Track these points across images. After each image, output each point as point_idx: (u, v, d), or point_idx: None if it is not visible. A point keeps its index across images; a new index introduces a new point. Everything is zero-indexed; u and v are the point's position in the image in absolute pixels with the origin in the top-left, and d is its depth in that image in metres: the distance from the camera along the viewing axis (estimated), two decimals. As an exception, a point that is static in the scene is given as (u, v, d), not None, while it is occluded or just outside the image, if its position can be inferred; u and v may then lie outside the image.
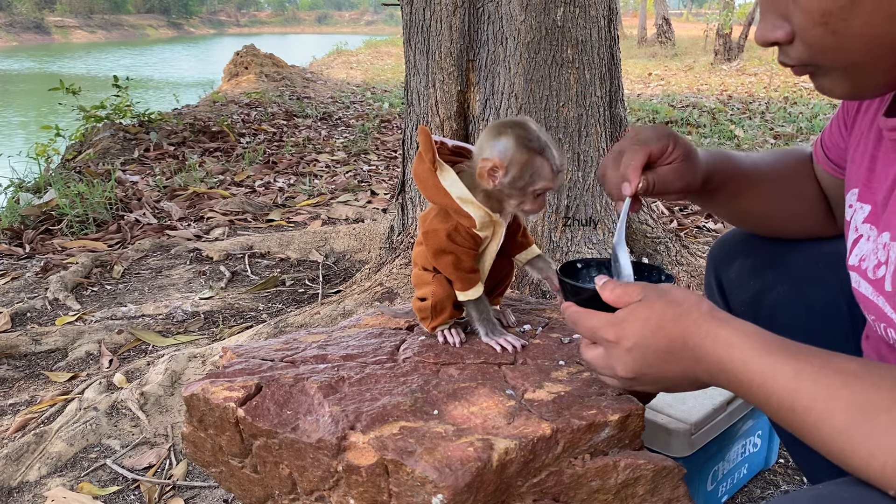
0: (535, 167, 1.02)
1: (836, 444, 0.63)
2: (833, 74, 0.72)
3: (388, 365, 1.07)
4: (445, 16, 2.27)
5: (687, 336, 0.75)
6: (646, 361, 0.78)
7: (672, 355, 0.76)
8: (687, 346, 0.75)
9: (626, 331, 0.78)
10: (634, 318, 0.78)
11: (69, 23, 58.97)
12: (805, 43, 0.70)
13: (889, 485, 0.59)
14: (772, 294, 1.12)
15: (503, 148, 1.02)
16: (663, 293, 0.79)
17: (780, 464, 1.69)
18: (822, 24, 0.67)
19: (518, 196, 1.04)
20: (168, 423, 1.88)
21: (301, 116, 7.52)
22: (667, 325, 0.76)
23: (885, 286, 0.78)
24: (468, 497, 0.81)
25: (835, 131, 1.02)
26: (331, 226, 3.66)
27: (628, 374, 0.79)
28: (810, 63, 0.72)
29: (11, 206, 3.94)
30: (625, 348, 0.78)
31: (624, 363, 0.79)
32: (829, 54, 0.70)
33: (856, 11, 0.65)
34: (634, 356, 0.78)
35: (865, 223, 0.85)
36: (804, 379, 0.66)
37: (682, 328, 0.75)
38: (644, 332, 0.77)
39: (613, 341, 0.79)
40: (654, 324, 0.76)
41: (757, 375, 0.69)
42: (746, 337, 0.72)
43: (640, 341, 0.77)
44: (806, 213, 1.12)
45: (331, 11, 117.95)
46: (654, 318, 0.77)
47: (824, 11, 0.66)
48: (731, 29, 14.16)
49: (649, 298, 0.79)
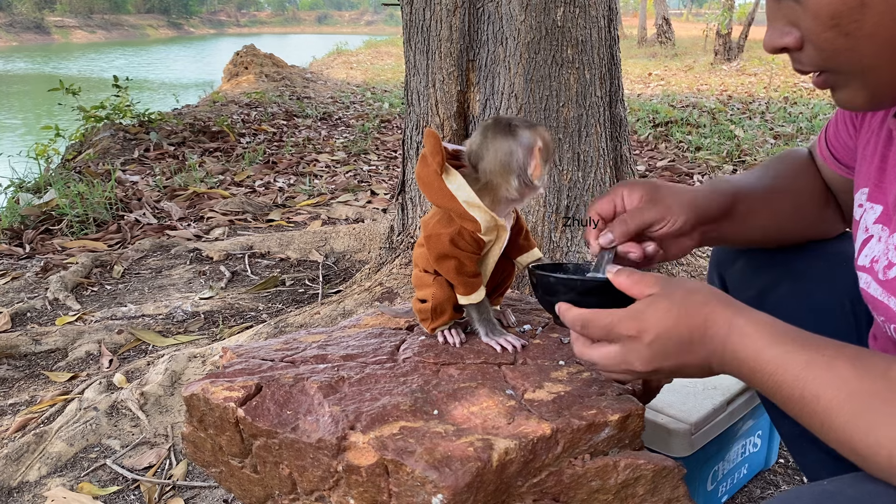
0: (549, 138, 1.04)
1: (844, 433, 0.63)
2: (851, 84, 0.72)
3: (388, 365, 1.07)
4: (445, 16, 2.27)
5: (708, 324, 0.74)
6: (665, 353, 0.76)
7: (692, 345, 0.75)
8: (707, 336, 0.74)
9: (647, 323, 0.76)
10: (655, 308, 0.76)
11: (69, 23, 58.98)
12: (817, 47, 0.70)
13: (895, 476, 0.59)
14: (775, 293, 1.12)
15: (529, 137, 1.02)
16: (679, 283, 0.78)
17: (780, 464, 1.69)
18: (832, 26, 0.66)
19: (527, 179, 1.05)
20: (168, 423, 1.88)
21: (301, 116, 7.52)
22: (689, 312, 0.75)
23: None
24: (468, 497, 0.81)
25: (841, 130, 1.01)
26: (331, 226, 3.66)
27: (646, 368, 0.78)
28: (825, 68, 0.72)
29: (11, 206, 3.95)
30: (646, 342, 0.76)
31: (642, 356, 0.77)
32: (843, 57, 0.69)
33: (866, 12, 0.64)
34: (654, 349, 0.76)
35: (877, 223, 0.85)
36: (814, 369, 0.66)
37: (703, 316, 0.74)
38: (666, 322, 0.75)
39: (634, 336, 0.77)
40: (676, 313, 0.75)
41: (768, 364, 0.69)
42: (760, 326, 0.72)
43: (663, 333, 0.75)
44: (815, 217, 1.11)
45: (331, 11, 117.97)
46: (675, 307, 0.75)
47: (833, 13, 0.66)
48: (731, 29, 14.16)
49: (667, 290, 0.77)
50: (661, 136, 6.14)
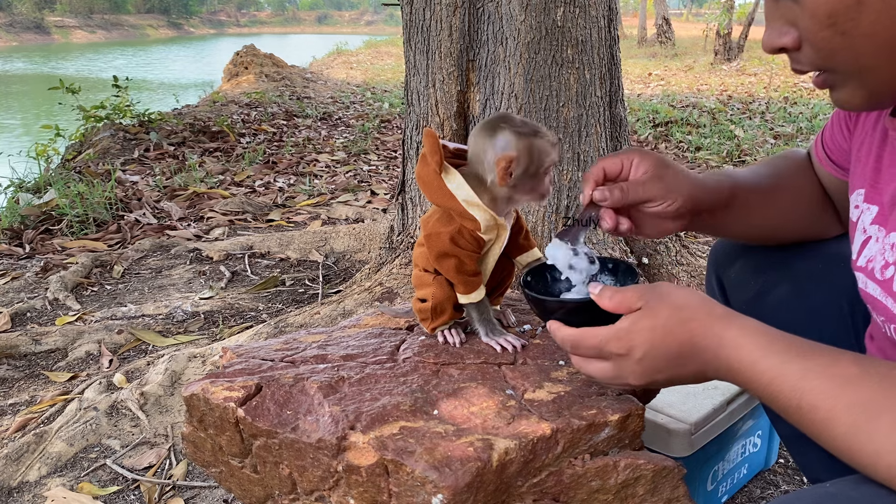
0: (538, 147, 1.03)
1: (844, 442, 0.63)
2: (849, 83, 0.72)
3: (388, 365, 1.07)
4: (445, 16, 2.28)
5: (696, 339, 0.75)
6: (656, 367, 0.77)
7: (682, 359, 0.76)
8: (696, 349, 0.75)
9: (635, 341, 0.77)
10: (640, 327, 0.77)
11: (69, 23, 58.96)
12: (814, 47, 0.69)
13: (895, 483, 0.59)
14: (773, 294, 1.12)
15: (505, 143, 1.02)
16: (664, 297, 0.78)
17: (780, 464, 1.69)
18: (829, 25, 0.66)
19: (530, 182, 1.05)
20: (168, 423, 1.88)
21: (301, 116, 7.52)
22: (674, 330, 0.75)
23: (894, 287, 0.78)
24: (468, 497, 0.81)
25: (836, 132, 1.01)
26: (331, 226, 3.66)
27: (641, 382, 0.79)
28: (823, 68, 0.72)
29: (11, 206, 3.95)
30: (636, 359, 0.77)
31: (635, 372, 0.78)
32: (840, 56, 0.69)
33: (863, 11, 0.64)
34: (645, 366, 0.77)
35: (874, 224, 0.85)
36: (811, 378, 0.66)
37: (689, 332, 0.75)
38: (653, 340, 0.76)
39: (623, 354, 0.78)
40: (661, 331, 0.76)
41: (764, 375, 0.69)
42: (753, 336, 0.72)
43: (650, 351, 0.76)
44: (812, 217, 1.11)
45: (331, 11, 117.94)
46: (659, 325, 0.76)
47: (830, 12, 0.66)
48: (731, 29, 14.16)
49: (651, 305, 0.78)
50: (661, 136, 6.15)
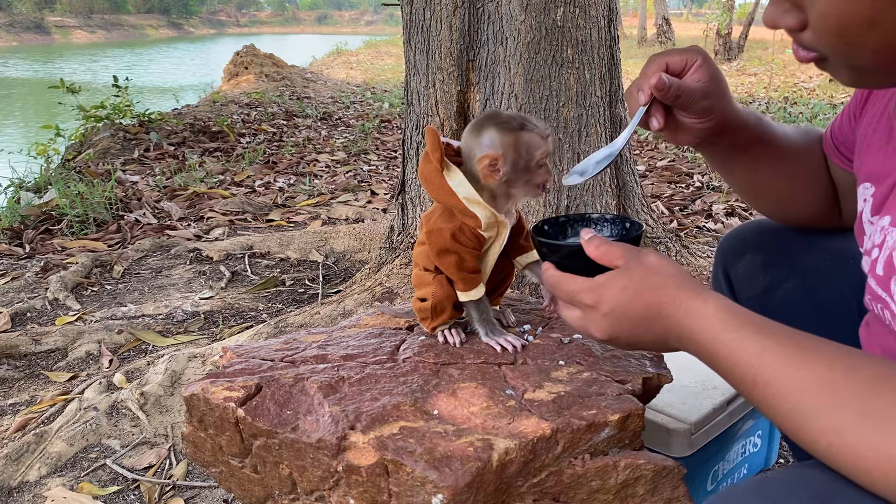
0: (525, 141, 1.04)
1: (790, 420, 0.65)
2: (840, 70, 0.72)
3: (388, 365, 1.07)
4: (445, 16, 2.28)
5: (662, 306, 0.77)
6: (620, 326, 0.80)
7: (646, 322, 0.78)
8: (661, 315, 0.77)
9: (604, 296, 0.80)
10: (612, 284, 0.80)
11: (69, 23, 58.98)
12: (819, 40, 0.69)
13: (832, 463, 0.61)
14: (781, 290, 1.13)
15: (489, 140, 1.03)
16: (642, 261, 0.81)
17: (780, 464, 1.69)
18: (837, 35, 0.66)
19: (524, 176, 1.05)
20: (168, 423, 1.88)
21: (301, 116, 7.52)
22: (643, 293, 0.78)
23: (877, 270, 0.78)
24: (468, 497, 0.81)
25: (844, 123, 1.02)
26: (331, 226, 3.66)
27: (603, 336, 0.82)
28: (821, 55, 0.72)
29: (11, 206, 3.95)
30: (602, 313, 0.81)
31: (599, 326, 0.82)
32: (841, 57, 0.69)
33: (875, 29, 0.64)
34: (610, 321, 0.80)
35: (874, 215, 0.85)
36: (767, 355, 0.68)
37: (657, 298, 0.77)
38: (621, 299, 0.79)
39: (591, 306, 0.81)
40: (631, 292, 0.79)
41: (723, 348, 0.71)
42: (717, 310, 0.73)
43: (616, 308, 0.79)
44: (816, 195, 1.11)
45: (331, 11, 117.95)
46: (631, 286, 0.79)
47: (841, 25, 0.65)
48: (731, 29, 14.16)
49: (629, 266, 0.81)
50: (660, 135, 6.14)
